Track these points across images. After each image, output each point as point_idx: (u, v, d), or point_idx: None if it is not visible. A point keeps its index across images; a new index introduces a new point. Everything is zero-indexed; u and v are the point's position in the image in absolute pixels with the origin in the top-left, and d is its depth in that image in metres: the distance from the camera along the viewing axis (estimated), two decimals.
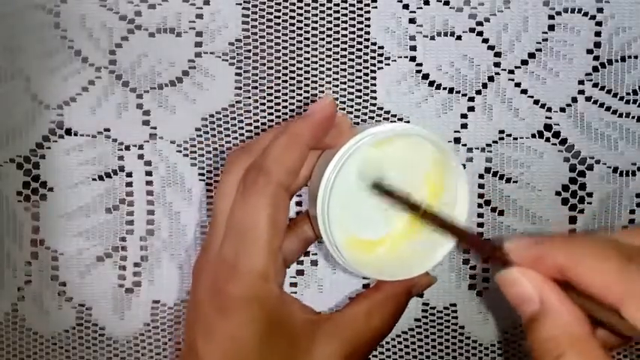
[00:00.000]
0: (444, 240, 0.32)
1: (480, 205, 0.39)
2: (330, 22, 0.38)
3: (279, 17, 0.38)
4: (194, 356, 0.30)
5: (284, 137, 0.30)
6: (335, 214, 0.31)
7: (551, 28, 0.39)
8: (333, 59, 0.38)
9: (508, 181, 0.39)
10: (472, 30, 0.38)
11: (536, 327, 0.24)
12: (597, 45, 0.39)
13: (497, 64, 0.39)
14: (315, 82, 0.39)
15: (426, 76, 0.39)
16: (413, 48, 0.38)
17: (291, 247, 0.34)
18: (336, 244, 0.31)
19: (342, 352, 0.30)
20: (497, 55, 0.39)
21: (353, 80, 0.39)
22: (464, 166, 0.39)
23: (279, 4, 0.38)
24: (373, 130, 0.30)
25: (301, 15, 0.38)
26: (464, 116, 0.39)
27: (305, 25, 0.38)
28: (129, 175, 0.39)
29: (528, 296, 0.24)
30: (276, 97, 0.39)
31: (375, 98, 0.39)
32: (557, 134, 0.39)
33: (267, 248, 0.29)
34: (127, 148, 0.38)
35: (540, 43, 0.39)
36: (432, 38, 0.38)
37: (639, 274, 0.23)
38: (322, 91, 0.39)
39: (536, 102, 0.39)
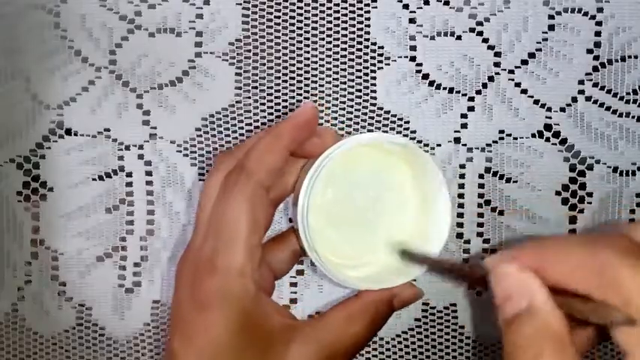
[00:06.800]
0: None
1: (479, 205, 0.39)
2: (330, 22, 0.38)
3: (279, 17, 0.38)
4: (171, 356, 0.30)
5: (265, 139, 0.31)
6: (314, 221, 0.31)
7: (551, 28, 0.39)
8: (333, 59, 0.38)
9: (508, 181, 0.39)
10: (472, 30, 0.38)
11: (518, 325, 0.24)
12: (597, 45, 0.39)
13: (497, 64, 0.39)
14: (315, 82, 0.39)
15: (426, 76, 0.39)
16: (413, 48, 0.38)
17: (281, 257, 0.35)
18: (315, 249, 0.31)
19: (318, 357, 0.30)
20: (497, 55, 0.39)
21: (353, 80, 0.39)
22: (464, 166, 0.39)
23: (279, 4, 0.38)
24: (355, 137, 0.31)
25: (301, 15, 0.38)
26: (464, 116, 0.39)
27: (305, 25, 0.38)
28: (129, 175, 0.39)
29: (515, 293, 0.24)
30: (276, 97, 0.39)
31: (375, 98, 0.39)
32: (557, 134, 0.39)
33: (244, 244, 0.30)
34: (127, 148, 0.38)
35: (540, 43, 0.39)
36: (432, 38, 0.38)
37: (606, 267, 0.23)
38: (322, 91, 0.39)
39: (536, 102, 0.39)
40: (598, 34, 0.39)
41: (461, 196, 0.39)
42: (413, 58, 0.38)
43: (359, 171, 0.34)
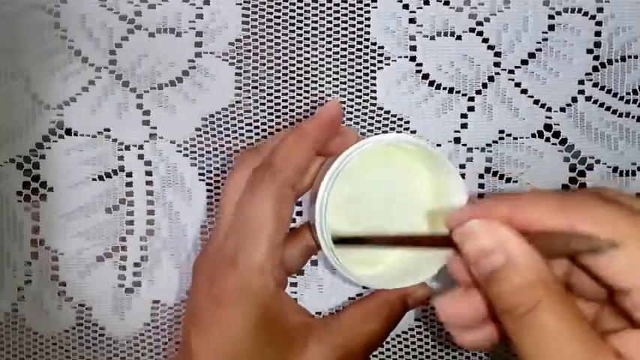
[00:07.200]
0: (438, 255, 0.32)
1: None
2: (330, 22, 0.38)
3: (279, 17, 0.38)
4: (187, 350, 0.30)
5: (291, 137, 0.31)
6: (331, 219, 0.31)
7: (551, 28, 0.39)
8: (333, 59, 0.38)
9: (508, 181, 0.39)
10: (472, 30, 0.38)
11: (502, 279, 0.23)
12: (597, 45, 0.39)
13: (497, 64, 0.39)
14: (315, 82, 0.39)
15: (426, 76, 0.39)
16: (413, 48, 0.38)
17: (294, 253, 0.35)
18: (332, 247, 0.31)
19: (335, 356, 0.30)
20: (497, 55, 0.39)
21: (353, 80, 0.39)
22: (464, 166, 0.39)
23: (279, 4, 0.38)
24: (375, 138, 0.31)
25: (301, 15, 0.38)
26: (464, 116, 0.39)
27: (305, 25, 0.38)
28: (129, 175, 0.39)
29: (490, 248, 0.24)
30: (276, 97, 0.39)
31: (375, 98, 0.39)
32: (557, 134, 0.39)
33: (268, 242, 0.29)
34: (127, 148, 0.38)
35: (540, 43, 0.39)
36: (432, 38, 0.38)
37: (578, 204, 0.23)
38: (322, 91, 0.39)
39: (536, 102, 0.39)
40: (598, 34, 0.39)
41: None
42: (413, 58, 0.38)
43: (376, 170, 0.34)
